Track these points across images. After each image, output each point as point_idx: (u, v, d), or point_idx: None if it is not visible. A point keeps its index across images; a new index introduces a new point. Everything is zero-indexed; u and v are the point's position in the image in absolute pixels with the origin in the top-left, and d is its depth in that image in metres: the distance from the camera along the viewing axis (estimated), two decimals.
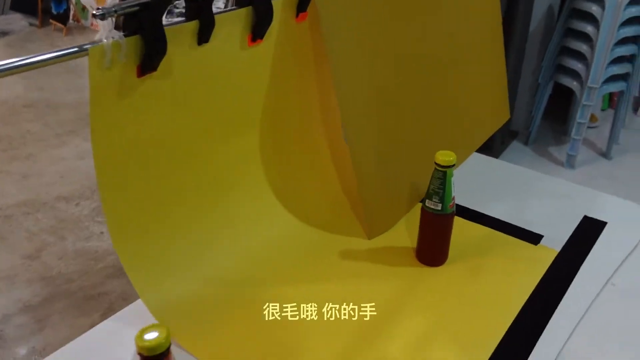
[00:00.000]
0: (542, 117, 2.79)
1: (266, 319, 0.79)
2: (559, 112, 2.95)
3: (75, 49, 0.62)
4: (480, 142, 1.32)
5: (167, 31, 0.71)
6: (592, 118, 3.03)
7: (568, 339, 0.78)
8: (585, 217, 1.05)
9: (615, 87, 2.50)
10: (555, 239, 0.99)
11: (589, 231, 1.01)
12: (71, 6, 4.25)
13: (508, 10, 2.37)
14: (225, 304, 0.83)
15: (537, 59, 2.74)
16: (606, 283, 0.89)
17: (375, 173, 0.98)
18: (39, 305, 1.87)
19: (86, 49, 0.63)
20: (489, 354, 0.74)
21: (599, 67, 2.37)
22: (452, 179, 0.86)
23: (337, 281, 0.88)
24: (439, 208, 0.87)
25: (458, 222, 1.02)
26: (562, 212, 1.07)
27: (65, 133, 2.88)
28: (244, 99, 0.88)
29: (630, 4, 2.27)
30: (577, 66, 2.49)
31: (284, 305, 0.80)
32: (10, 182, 2.45)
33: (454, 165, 0.85)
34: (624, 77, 2.48)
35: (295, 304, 0.80)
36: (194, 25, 0.74)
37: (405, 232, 0.99)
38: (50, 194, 2.36)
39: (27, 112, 3.11)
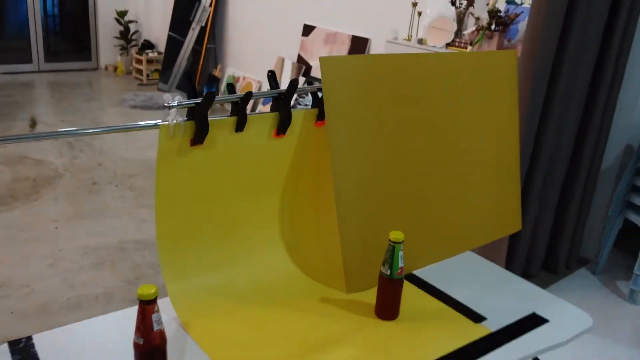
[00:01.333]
0: (616, 251, 2.85)
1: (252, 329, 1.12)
2: (633, 247, 2.97)
3: (152, 123, 1.05)
4: (477, 243, 1.56)
5: (215, 121, 1.12)
6: None
7: None
8: (533, 314, 1.26)
9: None
10: (500, 324, 1.21)
11: (528, 323, 1.22)
12: (219, 92, 5.08)
13: (577, 141, 2.58)
14: (228, 309, 1.17)
15: (611, 193, 2.85)
16: None
17: (360, 245, 1.29)
18: None
19: (158, 125, 1.05)
20: None
21: None
22: (400, 253, 1.14)
23: (310, 316, 1.18)
24: (388, 273, 1.15)
25: (421, 295, 1.29)
26: (519, 307, 1.29)
27: None
28: (268, 173, 1.26)
29: None
30: None
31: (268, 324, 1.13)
32: (133, 224, 3.03)
33: (401, 242, 1.14)
34: None
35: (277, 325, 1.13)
36: (233, 119, 1.15)
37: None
38: None
39: None
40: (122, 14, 6.50)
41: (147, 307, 0.89)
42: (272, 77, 1.24)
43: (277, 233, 1.32)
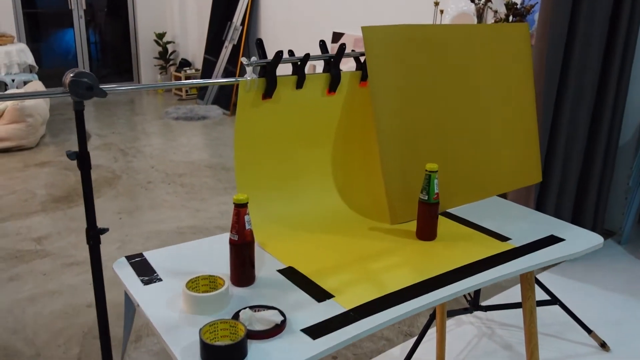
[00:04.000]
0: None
1: (313, 247, 1.37)
2: None
3: (234, 80, 1.32)
4: (503, 189, 1.79)
5: (281, 78, 1.39)
6: None
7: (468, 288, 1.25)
8: (551, 235, 1.48)
9: None
10: (522, 242, 1.44)
11: (546, 241, 1.44)
12: None
13: (594, 117, 2.79)
14: (292, 234, 1.42)
15: (631, 165, 3.03)
16: (524, 269, 1.33)
17: (401, 183, 1.54)
18: None
19: (238, 80, 1.32)
20: (426, 278, 1.24)
21: None
22: (435, 180, 1.38)
23: (361, 239, 1.43)
24: (426, 198, 1.39)
25: (455, 225, 1.53)
26: (540, 231, 1.51)
27: (231, 187, 3.77)
28: (322, 125, 1.52)
29: None
30: None
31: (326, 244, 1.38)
32: (187, 213, 3.32)
33: (436, 171, 1.38)
34: None
35: (334, 246, 1.38)
36: (294, 78, 1.42)
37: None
38: (212, 224, 3.17)
39: (207, 170, 4.09)
40: (160, 35, 6.93)
41: (241, 209, 1.15)
42: (323, 46, 1.51)
43: (329, 177, 1.57)
